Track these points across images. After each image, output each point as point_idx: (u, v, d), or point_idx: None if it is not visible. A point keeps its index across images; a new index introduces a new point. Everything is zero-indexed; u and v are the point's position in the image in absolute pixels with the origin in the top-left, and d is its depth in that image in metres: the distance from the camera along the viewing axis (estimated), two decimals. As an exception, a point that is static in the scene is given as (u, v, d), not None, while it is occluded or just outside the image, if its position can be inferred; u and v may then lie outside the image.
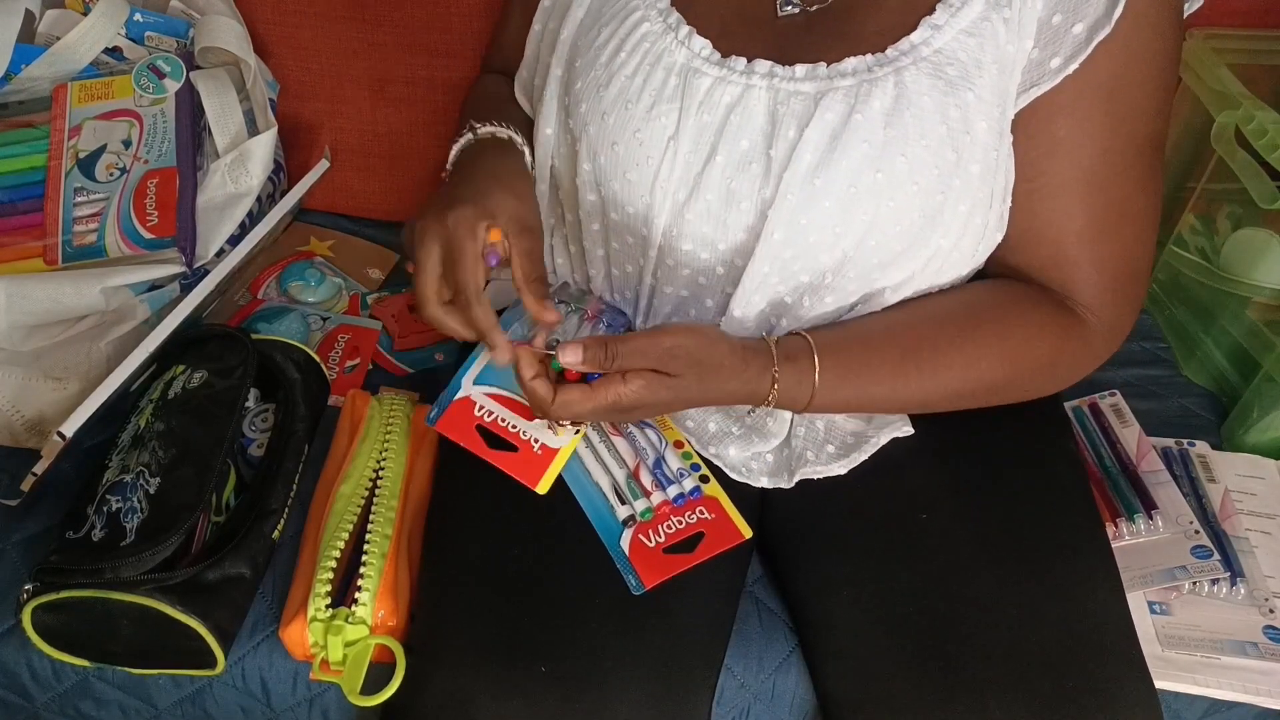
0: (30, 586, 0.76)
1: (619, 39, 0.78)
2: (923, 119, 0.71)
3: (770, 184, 0.73)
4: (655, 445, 0.82)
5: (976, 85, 0.71)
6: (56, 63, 1.07)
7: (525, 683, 0.70)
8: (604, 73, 0.77)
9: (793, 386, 0.74)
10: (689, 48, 0.76)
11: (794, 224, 0.73)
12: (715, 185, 0.75)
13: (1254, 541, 0.92)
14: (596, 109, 0.77)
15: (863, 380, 0.75)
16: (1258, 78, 1.04)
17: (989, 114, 0.72)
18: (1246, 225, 1.08)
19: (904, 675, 0.72)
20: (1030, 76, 0.73)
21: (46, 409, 0.93)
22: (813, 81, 0.73)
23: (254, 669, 0.82)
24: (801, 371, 0.74)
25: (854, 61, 0.72)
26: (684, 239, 0.78)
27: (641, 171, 0.76)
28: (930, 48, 0.72)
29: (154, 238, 0.98)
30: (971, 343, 0.77)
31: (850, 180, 0.71)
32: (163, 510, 0.79)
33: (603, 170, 0.78)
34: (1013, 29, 0.71)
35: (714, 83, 0.74)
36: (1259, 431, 1.01)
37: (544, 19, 0.86)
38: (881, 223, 0.73)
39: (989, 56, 0.71)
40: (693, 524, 0.78)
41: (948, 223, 0.74)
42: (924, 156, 0.71)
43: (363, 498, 0.84)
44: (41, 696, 0.84)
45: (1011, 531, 0.78)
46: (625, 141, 0.76)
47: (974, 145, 0.72)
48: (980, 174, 0.73)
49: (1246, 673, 0.83)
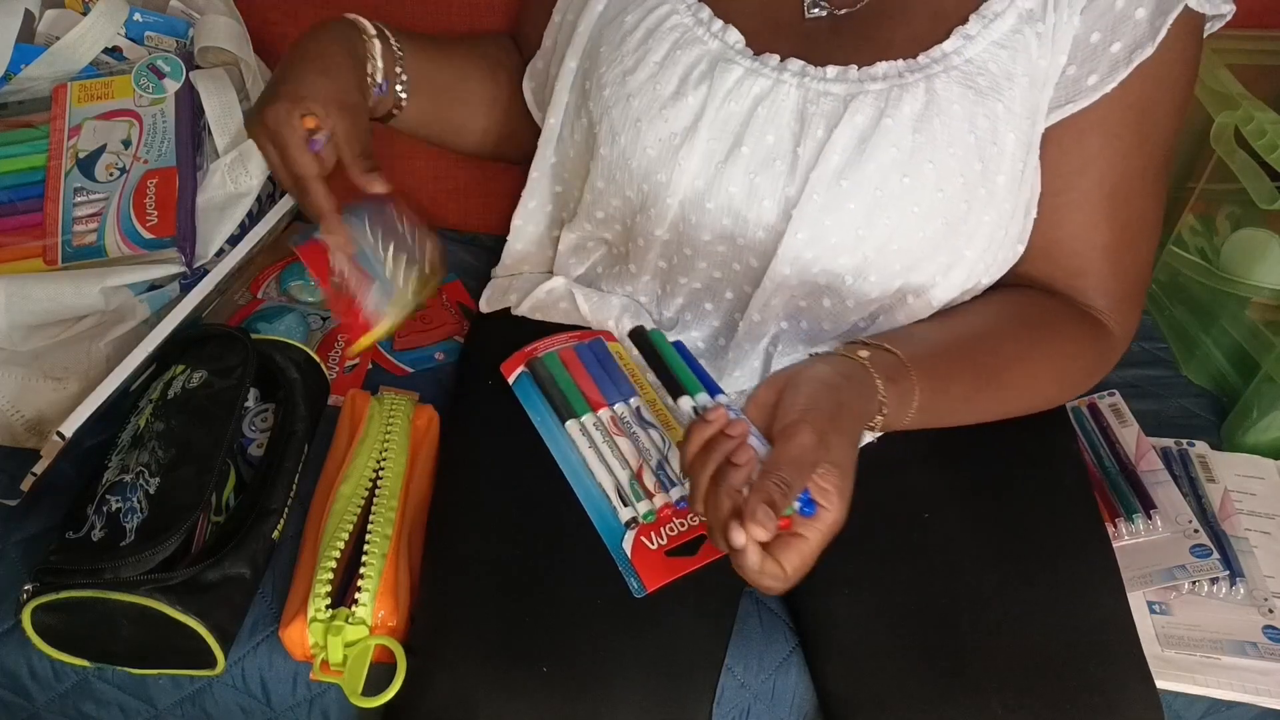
0: (30, 586, 0.76)
1: (646, 28, 0.78)
2: (951, 127, 0.71)
3: (795, 183, 0.73)
4: (659, 446, 0.82)
5: (1006, 97, 0.72)
6: (56, 63, 1.06)
7: (526, 683, 0.69)
8: (631, 59, 0.78)
9: (897, 408, 0.70)
10: (723, 40, 0.76)
11: (818, 224, 0.73)
12: (738, 178, 0.75)
13: (1253, 541, 0.92)
14: (621, 92, 0.78)
15: (948, 397, 0.74)
16: (1257, 78, 1.04)
17: (1018, 126, 0.72)
18: (1246, 225, 1.08)
19: (905, 675, 0.72)
20: (1065, 92, 0.73)
21: (46, 409, 0.93)
22: (843, 83, 0.73)
23: (254, 669, 0.82)
24: (904, 391, 0.71)
25: (885, 66, 0.73)
26: (703, 229, 0.78)
27: (663, 149, 0.76)
28: (961, 57, 0.72)
29: (154, 238, 0.98)
30: (1030, 358, 0.78)
31: (877, 183, 0.72)
32: (162, 510, 0.79)
33: (623, 151, 0.78)
34: (1045, 43, 0.72)
35: (745, 73, 0.75)
36: (1258, 432, 1.01)
37: (564, 10, 0.87)
38: (906, 228, 0.73)
39: (1020, 69, 0.72)
40: (695, 526, 0.78)
41: (971, 231, 0.74)
42: (951, 164, 0.71)
43: (363, 497, 0.84)
44: (42, 696, 0.84)
45: (1013, 531, 0.78)
46: (650, 119, 0.76)
47: (1001, 156, 0.72)
48: (1006, 185, 0.73)
49: (1246, 672, 0.84)
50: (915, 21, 0.74)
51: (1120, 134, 0.75)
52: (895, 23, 0.75)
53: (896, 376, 0.70)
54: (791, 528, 0.61)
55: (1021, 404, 0.80)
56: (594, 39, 0.81)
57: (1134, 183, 0.77)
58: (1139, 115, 0.74)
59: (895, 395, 0.69)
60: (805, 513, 0.61)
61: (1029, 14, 0.72)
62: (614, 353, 0.87)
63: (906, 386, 0.70)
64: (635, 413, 0.83)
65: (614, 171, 0.80)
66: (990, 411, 0.78)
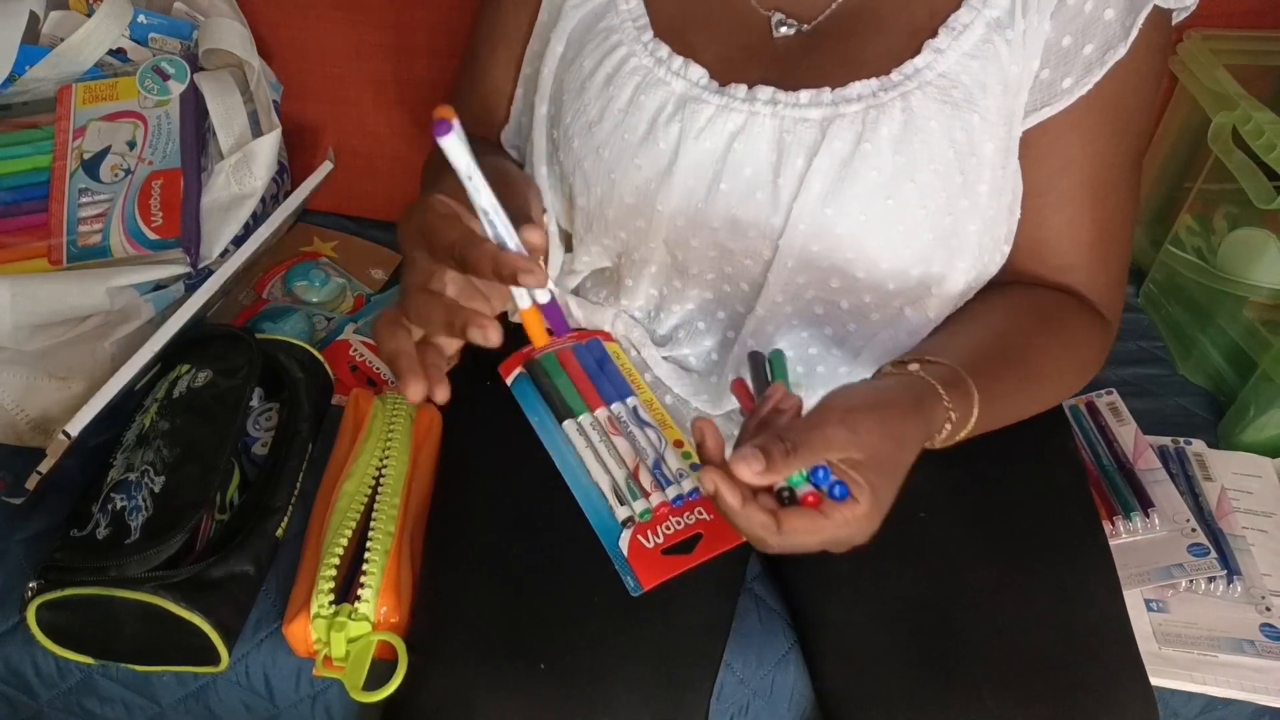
0: (35, 584, 0.77)
1: (605, 74, 0.76)
2: (930, 144, 0.71)
3: (779, 213, 0.73)
4: (655, 445, 0.82)
5: (981, 107, 0.71)
6: (61, 64, 1.07)
7: (525, 680, 0.70)
8: (595, 108, 0.76)
9: (961, 415, 0.68)
10: (685, 78, 0.74)
11: (805, 252, 0.73)
12: (720, 214, 0.74)
13: (1250, 540, 0.93)
14: (589, 144, 0.76)
15: (998, 396, 0.72)
16: (1255, 78, 1.04)
17: (995, 134, 0.72)
18: (1243, 225, 1.08)
19: (902, 672, 0.73)
20: (1040, 96, 0.73)
21: (51, 408, 0.94)
22: (818, 108, 0.72)
23: (257, 666, 0.83)
24: (964, 396, 0.68)
25: (859, 86, 0.72)
26: (690, 264, 0.78)
27: (640, 196, 0.76)
28: (934, 71, 0.71)
29: (158, 238, 0.99)
30: (1054, 348, 0.78)
31: (861, 208, 0.71)
32: (167, 508, 0.79)
33: (599, 202, 0.78)
34: (1016, 50, 0.71)
35: (716, 111, 0.73)
36: (1255, 430, 1.01)
37: (533, 61, 0.85)
38: (893, 247, 0.73)
39: (993, 78, 0.71)
40: (691, 525, 0.78)
41: (960, 244, 0.74)
42: (932, 181, 0.71)
43: (366, 496, 0.85)
44: (46, 694, 0.85)
45: (1010, 530, 0.78)
46: (623, 169, 0.75)
47: (981, 166, 0.72)
48: (988, 193, 0.73)
49: (1243, 670, 0.84)
50: (887, 36, 0.73)
51: (1098, 133, 0.75)
52: (865, 39, 0.74)
53: (955, 383, 0.68)
54: (819, 506, 0.59)
55: (1054, 394, 0.80)
56: (557, 83, 0.80)
57: (1113, 176, 0.77)
58: (1114, 112, 0.74)
59: (958, 401, 0.68)
60: (837, 494, 0.60)
61: (997, 22, 0.71)
62: (611, 353, 0.88)
63: (965, 391, 0.68)
64: (632, 412, 0.84)
65: (592, 221, 0.80)
66: (1028, 407, 0.78)
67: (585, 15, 0.79)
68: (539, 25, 0.84)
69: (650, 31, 0.77)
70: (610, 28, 0.78)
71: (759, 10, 0.77)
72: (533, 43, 0.85)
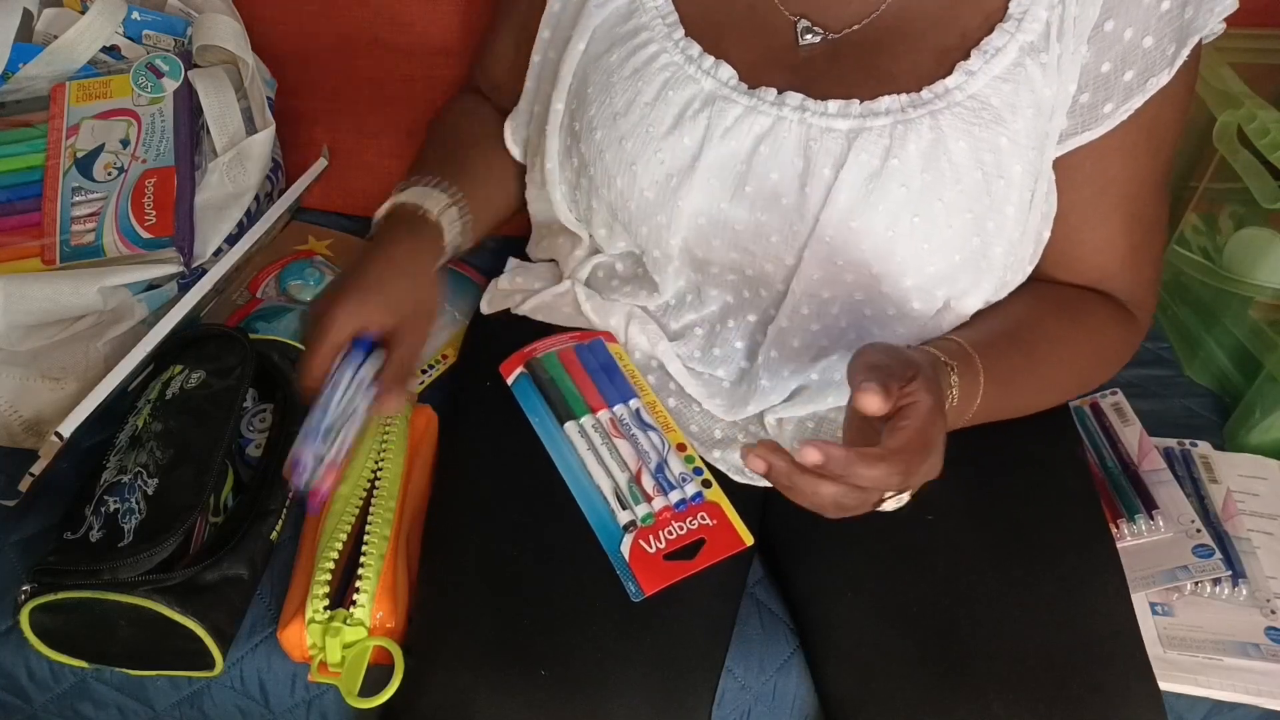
0: (28, 587, 0.76)
1: (634, 67, 0.77)
2: (958, 164, 0.71)
3: (805, 222, 0.73)
4: (658, 448, 0.81)
5: (1010, 129, 0.71)
6: (54, 62, 1.06)
7: (524, 685, 0.69)
8: (621, 100, 0.76)
9: (966, 396, 0.70)
10: (715, 76, 0.75)
11: (830, 264, 0.73)
12: (743, 217, 0.74)
13: (1256, 542, 0.92)
14: (613, 134, 0.76)
15: (1004, 381, 0.73)
16: (1260, 77, 1.04)
17: (1024, 157, 0.72)
18: (1249, 225, 1.08)
19: (907, 677, 0.72)
20: (1081, 120, 0.74)
21: (44, 409, 0.93)
22: (846, 119, 0.72)
23: (252, 670, 0.82)
24: (972, 375, 0.70)
25: (888, 101, 0.72)
26: (711, 264, 0.78)
27: (660, 191, 0.75)
28: (964, 93, 0.71)
29: (152, 237, 0.98)
30: (1071, 337, 0.79)
31: (887, 224, 0.71)
32: (161, 511, 0.78)
33: (620, 194, 0.77)
34: (1050, 73, 0.71)
35: (744, 111, 0.73)
36: (1261, 432, 1.01)
37: (544, 50, 0.85)
38: (918, 264, 0.73)
39: (1024, 100, 0.71)
40: (694, 530, 0.78)
41: (985, 262, 0.74)
42: (959, 201, 0.71)
43: (361, 498, 0.84)
44: (40, 698, 0.84)
45: (1017, 533, 0.78)
46: (645, 161, 0.75)
47: (1009, 188, 0.72)
48: (1015, 215, 0.73)
49: (1249, 674, 0.83)
50: (915, 54, 0.73)
51: (1136, 153, 0.75)
52: (894, 54, 0.74)
53: (960, 356, 0.70)
54: None
55: (1072, 382, 0.81)
56: (580, 78, 0.80)
57: (1148, 192, 0.78)
58: (1150, 131, 0.75)
59: (963, 373, 0.69)
60: None
61: (1030, 46, 0.71)
62: (614, 354, 0.87)
63: (971, 365, 0.70)
64: (635, 415, 0.83)
65: (614, 215, 0.80)
66: (1043, 392, 0.79)
67: (609, 14, 0.79)
68: (547, 14, 0.84)
69: (681, 30, 0.77)
70: (640, 25, 0.78)
71: (785, 15, 0.77)
72: (541, 30, 0.84)
